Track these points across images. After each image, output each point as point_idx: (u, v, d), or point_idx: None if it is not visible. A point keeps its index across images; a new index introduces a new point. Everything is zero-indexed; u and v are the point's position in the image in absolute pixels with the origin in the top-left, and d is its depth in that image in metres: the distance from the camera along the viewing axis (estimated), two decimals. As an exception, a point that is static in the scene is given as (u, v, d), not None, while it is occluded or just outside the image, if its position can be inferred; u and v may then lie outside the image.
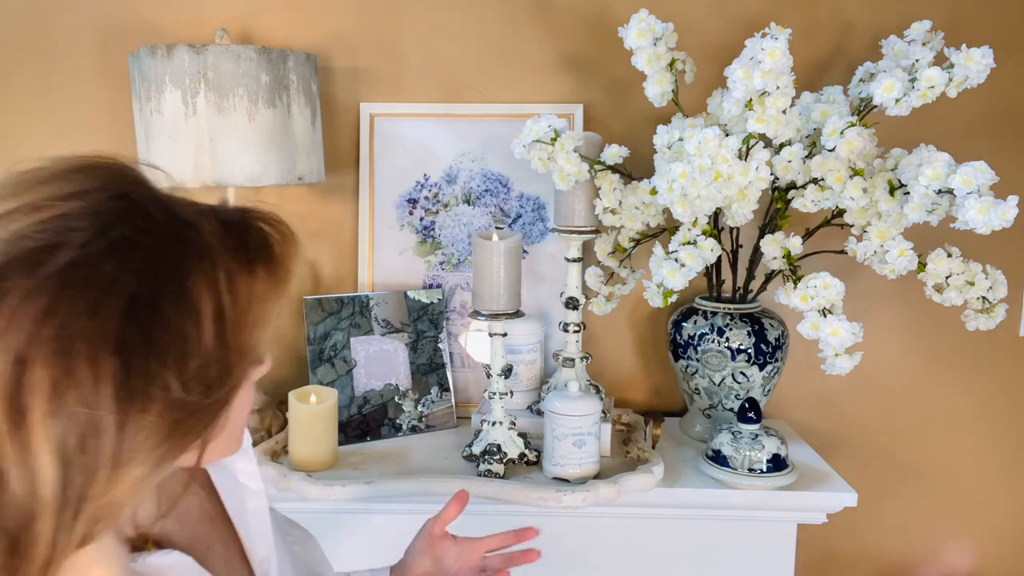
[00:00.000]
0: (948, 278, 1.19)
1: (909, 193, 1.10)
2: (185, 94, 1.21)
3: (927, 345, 1.53)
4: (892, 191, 1.14)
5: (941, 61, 1.14)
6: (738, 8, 1.44)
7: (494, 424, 1.24)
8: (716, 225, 1.25)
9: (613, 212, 1.28)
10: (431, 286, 1.50)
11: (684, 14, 1.36)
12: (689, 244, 1.16)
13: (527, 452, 1.25)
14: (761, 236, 1.26)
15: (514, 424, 1.26)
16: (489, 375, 1.24)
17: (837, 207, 1.17)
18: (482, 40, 1.48)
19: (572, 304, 1.34)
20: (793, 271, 1.21)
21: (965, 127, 1.45)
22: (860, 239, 1.19)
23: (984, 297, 1.19)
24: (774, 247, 1.22)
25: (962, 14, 1.42)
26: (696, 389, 1.37)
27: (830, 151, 1.12)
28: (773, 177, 1.18)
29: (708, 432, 1.36)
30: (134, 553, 0.60)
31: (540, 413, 1.33)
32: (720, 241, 1.20)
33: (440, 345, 1.46)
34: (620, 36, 1.21)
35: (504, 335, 1.23)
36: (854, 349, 1.14)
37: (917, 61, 1.15)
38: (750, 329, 1.31)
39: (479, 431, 1.28)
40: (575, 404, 1.19)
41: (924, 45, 1.17)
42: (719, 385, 1.33)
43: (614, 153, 1.23)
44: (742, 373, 1.31)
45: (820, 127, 1.18)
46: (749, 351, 1.30)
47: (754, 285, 1.35)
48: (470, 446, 1.28)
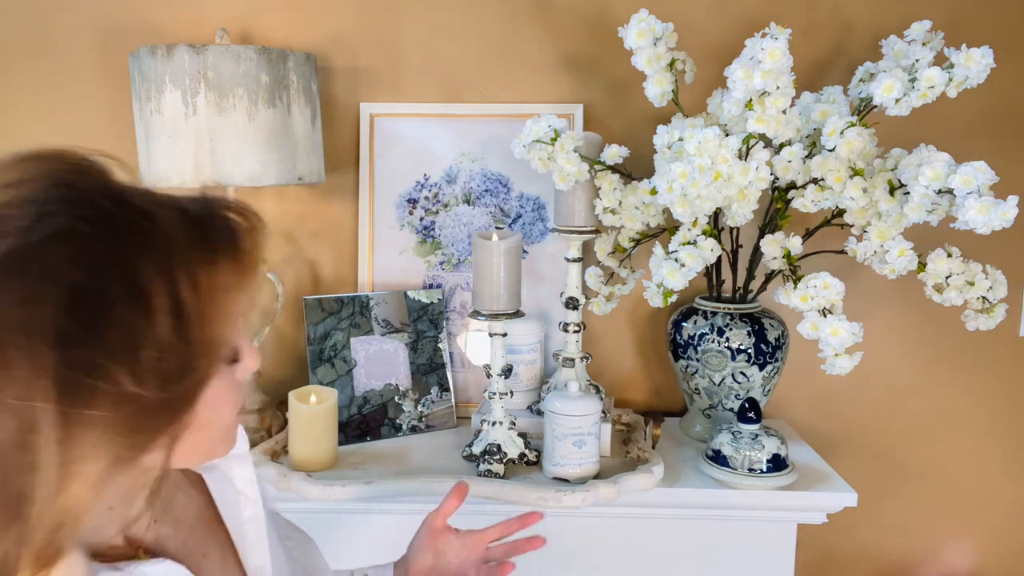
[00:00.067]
0: (948, 278, 1.19)
1: (909, 193, 1.10)
2: (185, 94, 1.21)
3: (927, 345, 1.53)
4: (892, 191, 1.14)
5: (941, 61, 1.14)
6: (738, 8, 1.44)
7: (494, 424, 1.24)
8: (716, 225, 1.25)
9: (613, 212, 1.28)
10: (431, 286, 1.50)
11: (684, 14, 1.36)
12: (689, 244, 1.16)
13: (527, 452, 1.25)
14: (761, 236, 1.26)
15: (514, 424, 1.26)
16: (489, 375, 1.24)
17: (837, 207, 1.17)
18: (482, 40, 1.48)
19: (572, 304, 1.34)
20: (793, 271, 1.21)
21: (965, 127, 1.45)
22: (860, 239, 1.19)
23: (984, 297, 1.19)
24: (774, 247, 1.22)
25: (962, 14, 1.42)
26: (696, 389, 1.37)
27: (830, 151, 1.12)
28: (773, 177, 1.18)
29: (708, 432, 1.36)
30: (125, 562, 0.59)
31: (540, 413, 1.33)
32: (720, 241, 1.20)
33: (440, 345, 1.46)
34: (620, 36, 1.21)
35: (504, 335, 1.23)
36: (854, 349, 1.14)
37: (917, 61, 1.15)
38: (750, 329, 1.31)
39: (479, 431, 1.28)
40: (575, 404, 1.19)
41: (924, 45, 1.17)
42: (719, 385, 1.33)
43: (614, 153, 1.23)
44: (742, 373, 1.31)
45: (820, 127, 1.18)
46: (749, 351, 1.30)
47: (754, 285, 1.35)
48: (470, 446, 1.28)
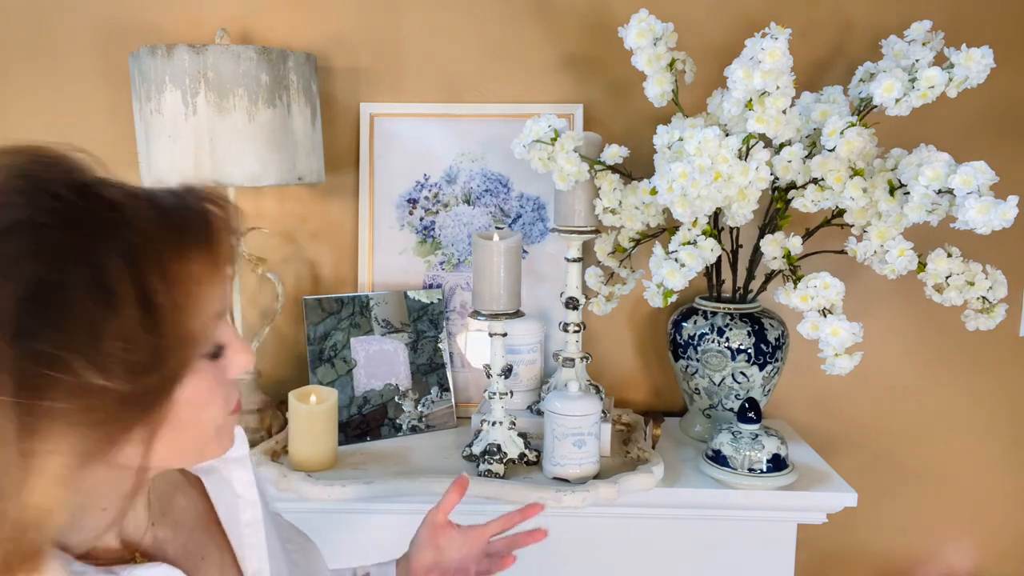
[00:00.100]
0: (948, 278, 1.19)
1: (909, 193, 1.10)
2: (185, 94, 1.21)
3: (927, 345, 1.53)
4: (892, 191, 1.14)
5: (941, 61, 1.14)
6: (738, 8, 1.44)
7: (494, 424, 1.24)
8: (716, 225, 1.25)
9: (613, 212, 1.28)
10: (431, 286, 1.50)
11: (684, 14, 1.36)
12: (689, 244, 1.16)
13: (527, 452, 1.25)
14: (761, 236, 1.26)
15: (514, 424, 1.26)
16: (489, 375, 1.24)
17: (837, 207, 1.17)
18: (482, 40, 1.48)
19: (572, 304, 1.34)
20: (793, 271, 1.21)
21: (965, 127, 1.45)
22: (860, 239, 1.19)
23: (984, 297, 1.19)
24: (774, 247, 1.22)
25: (962, 14, 1.42)
26: (696, 389, 1.37)
27: (830, 151, 1.12)
28: (773, 177, 1.18)
29: (708, 432, 1.36)
30: (120, 566, 0.58)
31: (540, 413, 1.33)
32: (720, 241, 1.20)
33: (440, 345, 1.46)
34: (620, 36, 1.21)
35: (504, 335, 1.23)
36: (854, 349, 1.14)
37: (917, 61, 1.15)
38: (750, 329, 1.31)
39: (479, 431, 1.28)
40: (575, 404, 1.19)
41: (924, 45, 1.17)
42: (719, 385, 1.33)
43: (614, 153, 1.23)
44: (742, 373, 1.31)
45: (820, 127, 1.18)
46: (749, 351, 1.30)
47: (754, 285, 1.35)
48: (470, 446, 1.28)
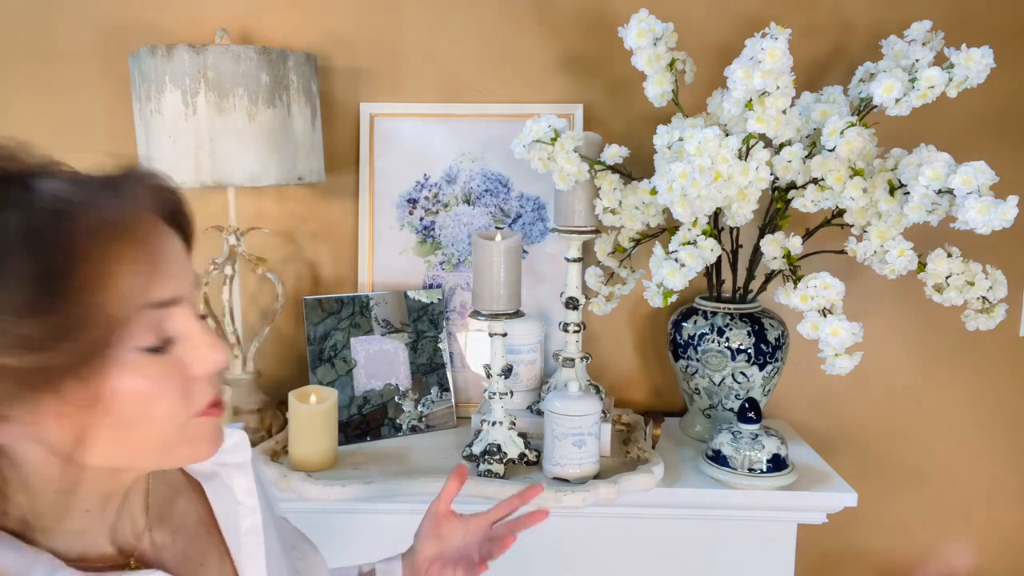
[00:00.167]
0: (948, 278, 1.18)
1: (909, 193, 1.10)
2: (185, 94, 1.21)
3: (927, 345, 1.53)
4: (892, 191, 1.14)
5: (941, 61, 1.14)
6: (738, 8, 1.44)
7: (494, 424, 1.24)
8: (716, 225, 1.25)
9: (613, 212, 1.28)
10: (431, 286, 1.50)
11: (684, 14, 1.36)
12: (689, 244, 1.16)
13: (527, 452, 1.25)
14: (761, 236, 1.26)
15: (514, 424, 1.26)
16: (489, 375, 1.24)
17: (837, 207, 1.17)
18: (482, 40, 1.48)
19: (572, 304, 1.34)
20: (793, 271, 1.21)
21: (965, 127, 1.45)
22: (860, 239, 1.19)
23: (984, 297, 1.19)
24: (774, 247, 1.22)
25: (962, 14, 1.42)
26: (696, 389, 1.37)
27: (830, 151, 1.12)
28: (773, 177, 1.18)
29: (708, 432, 1.36)
30: (114, 572, 0.58)
31: (540, 413, 1.33)
32: (720, 241, 1.20)
33: (440, 345, 1.46)
34: (620, 36, 1.21)
35: (504, 335, 1.23)
36: (854, 349, 1.14)
37: (917, 61, 1.15)
38: (750, 329, 1.31)
39: (479, 431, 1.28)
40: (575, 404, 1.19)
41: (924, 45, 1.17)
42: (719, 385, 1.33)
43: (614, 153, 1.23)
44: (742, 373, 1.31)
45: (820, 127, 1.18)
46: (749, 351, 1.30)
47: (754, 285, 1.35)
48: (470, 446, 1.28)
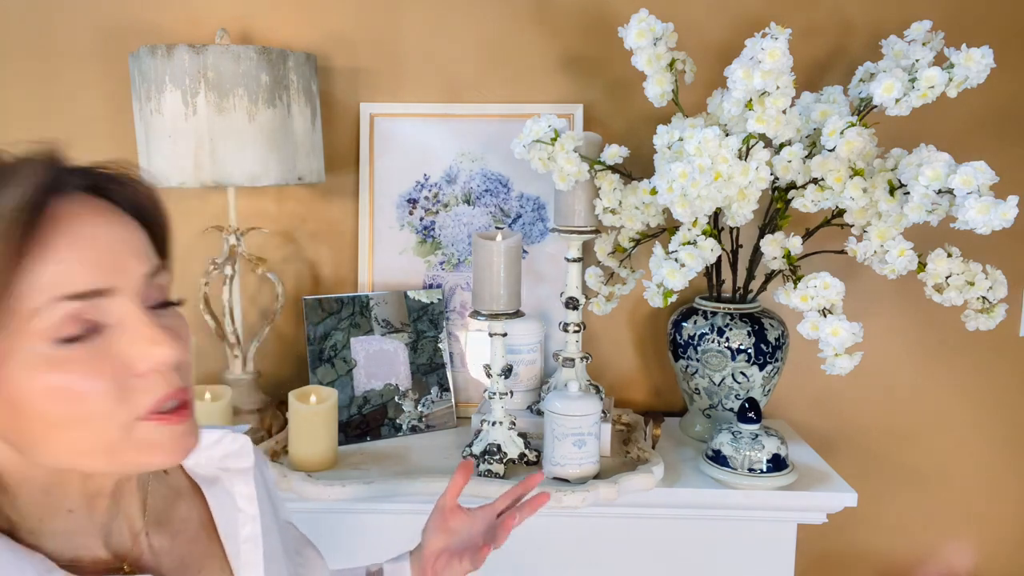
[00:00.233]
0: (948, 278, 1.18)
1: (909, 193, 1.10)
2: (185, 94, 1.21)
3: (927, 345, 1.53)
4: (892, 191, 1.14)
5: (941, 61, 1.14)
6: (738, 8, 1.44)
7: (494, 424, 1.24)
8: (716, 225, 1.25)
9: (613, 212, 1.28)
10: (431, 286, 1.50)
11: (684, 14, 1.36)
12: (689, 244, 1.16)
13: (527, 452, 1.25)
14: (761, 236, 1.26)
15: (514, 424, 1.26)
16: (489, 375, 1.24)
17: (837, 207, 1.17)
18: (482, 40, 1.48)
19: (572, 304, 1.34)
20: (793, 271, 1.21)
21: (965, 127, 1.45)
22: (860, 239, 1.19)
23: (984, 297, 1.19)
24: (774, 247, 1.22)
25: (962, 14, 1.42)
26: (696, 389, 1.37)
27: (830, 151, 1.12)
28: (773, 177, 1.18)
29: (708, 432, 1.36)
30: None
31: (540, 413, 1.33)
32: (720, 241, 1.20)
33: (440, 345, 1.46)
34: (620, 36, 1.21)
35: (504, 335, 1.23)
36: (854, 349, 1.14)
37: (917, 61, 1.15)
38: (750, 329, 1.31)
39: (479, 431, 1.28)
40: (575, 404, 1.19)
41: (924, 45, 1.17)
42: (719, 385, 1.33)
43: (614, 153, 1.23)
44: (742, 373, 1.31)
45: (820, 127, 1.18)
46: (749, 351, 1.30)
47: (754, 285, 1.35)
48: (470, 446, 1.28)
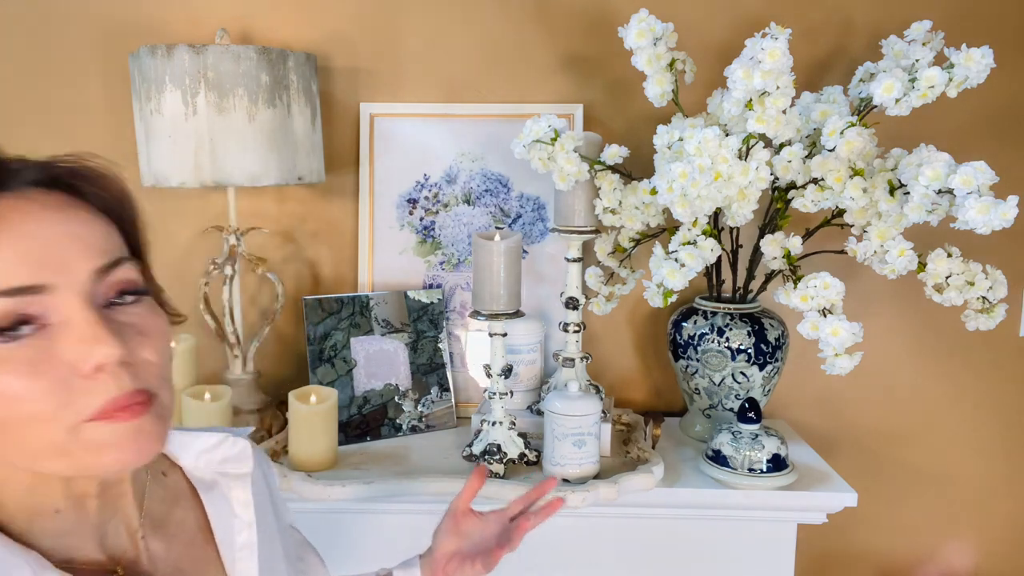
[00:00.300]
0: (948, 278, 1.18)
1: (909, 193, 1.10)
2: (185, 94, 1.21)
3: (927, 345, 1.53)
4: (892, 191, 1.14)
5: (941, 61, 1.14)
6: (738, 8, 1.44)
7: (494, 424, 1.24)
8: (716, 225, 1.25)
9: (613, 212, 1.28)
10: (431, 286, 1.50)
11: (684, 14, 1.36)
12: (689, 244, 1.16)
13: (527, 452, 1.25)
14: (761, 236, 1.26)
15: (514, 424, 1.26)
16: (489, 375, 1.24)
17: (837, 207, 1.17)
18: (482, 40, 1.48)
19: (572, 304, 1.34)
20: (793, 271, 1.21)
21: (965, 127, 1.45)
22: (860, 239, 1.19)
23: (984, 297, 1.19)
24: (774, 247, 1.22)
25: (962, 14, 1.42)
26: (696, 389, 1.37)
27: (830, 151, 1.12)
28: (773, 177, 1.17)
29: (708, 432, 1.36)
30: None
31: (540, 413, 1.33)
32: (720, 241, 1.20)
33: (440, 345, 1.46)
34: (620, 36, 1.21)
35: (504, 335, 1.23)
36: (854, 349, 1.14)
37: (917, 61, 1.15)
38: (750, 329, 1.31)
39: (479, 431, 1.28)
40: (575, 404, 1.19)
41: (924, 45, 1.17)
42: (719, 385, 1.33)
43: (614, 153, 1.23)
44: (742, 373, 1.31)
45: (820, 127, 1.18)
46: (749, 351, 1.30)
47: (754, 285, 1.35)
48: (470, 446, 1.28)
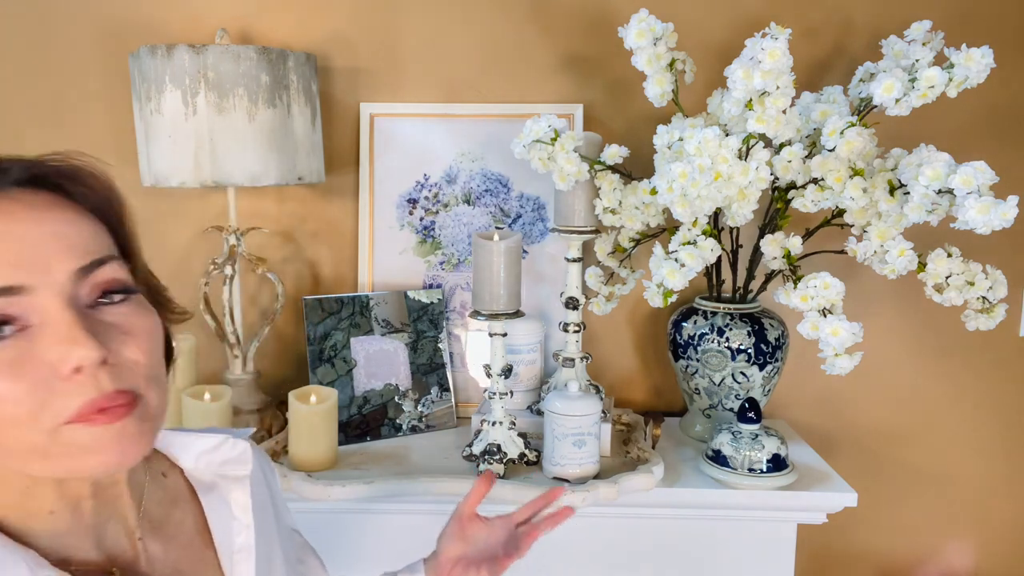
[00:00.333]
0: (948, 278, 1.18)
1: (909, 193, 1.10)
2: (185, 94, 1.21)
3: (927, 345, 1.53)
4: (892, 191, 1.14)
5: (941, 61, 1.13)
6: (738, 8, 1.44)
7: (494, 424, 1.24)
8: (716, 225, 1.25)
9: (613, 212, 1.28)
10: (431, 286, 1.50)
11: (684, 14, 1.36)
12: (689, 244, 1.16)
13: (527, 452, 1.25)
14: (761, 236, 1.26)
15: (514, 424, 1.26)
16: (489, 375, 1.24)
17: (837, 207, 1.17)
18: (482, 40, 1.48)
19: (572, 304, 1.34)
20: (793, 271, 1.21)
21: (965, 127, 1.45)
22: (860, 239, 1.19)
23: (984, 297, 1.19)
24: (774, 247, 1.22)
25: (962, 14, 1.42)
26: (696, 389, 1.37)
27: (830, 151, 1.12)
28: (773, 177, 1.18)
29: (708, 432, 1.36)
30: None
31: (540, 413, 1.33)
32: (720, 241, 1.20)
33: (440, 345, 1.46)
34: (620, 36, 1.21)
35: (504, 335, 1.23)
36: (854, 349, 1.14)
37: (917, 61, 1.15)
38: (750, 329, 1.31)
39: (479, 431, 1.28)
40: (575, 404, 1.19)
41: (924, 45, 1.17)
42: (719, 385, 1.33)
43: (614, 153, 1.23)
44: (742, 373, 1.31)
45: (820, 127, 1.18)
46: (749, 351, 1.30)
47: (754, 285, 1.35)
48: (470, 446, 1.28)
